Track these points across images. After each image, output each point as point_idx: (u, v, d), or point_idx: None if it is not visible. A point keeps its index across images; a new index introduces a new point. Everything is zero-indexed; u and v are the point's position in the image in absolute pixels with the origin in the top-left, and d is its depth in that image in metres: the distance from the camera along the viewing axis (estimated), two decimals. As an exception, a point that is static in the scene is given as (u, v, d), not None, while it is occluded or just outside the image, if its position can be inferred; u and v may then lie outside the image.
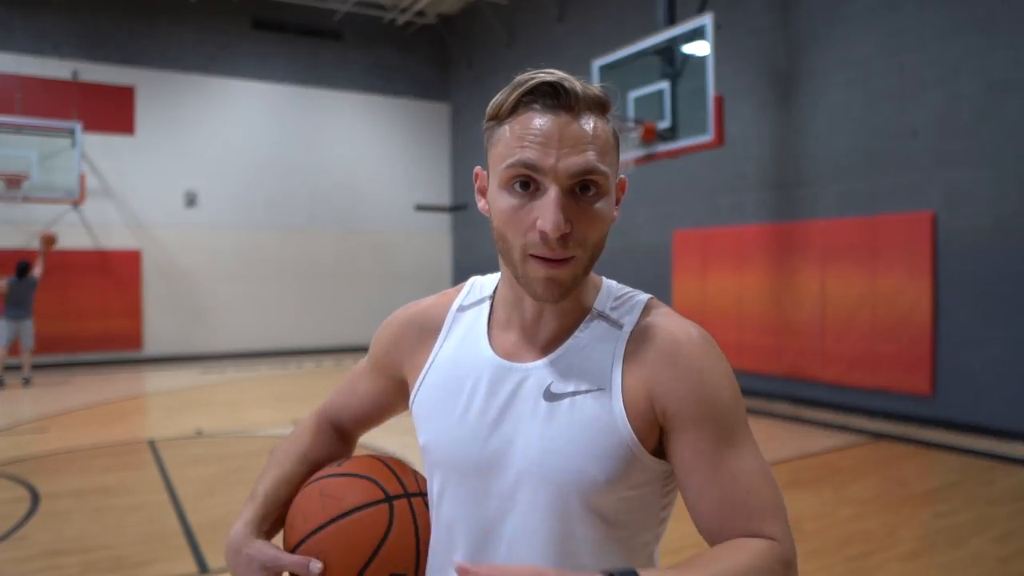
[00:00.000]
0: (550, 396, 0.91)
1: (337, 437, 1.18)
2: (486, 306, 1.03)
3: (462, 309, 1.04)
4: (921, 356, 6.94)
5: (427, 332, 1.05)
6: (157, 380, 10.67)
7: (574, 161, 0.84)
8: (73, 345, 11.97)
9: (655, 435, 0.90)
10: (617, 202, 0.93)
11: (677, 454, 0.89)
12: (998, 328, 6.41)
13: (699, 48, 7.30)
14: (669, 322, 0.93)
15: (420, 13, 14.42)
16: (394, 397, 1.12)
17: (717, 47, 7.23)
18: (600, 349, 0.93)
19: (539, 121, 0.86)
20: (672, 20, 8.09)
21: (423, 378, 1.02)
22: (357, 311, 14.09)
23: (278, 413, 7.92)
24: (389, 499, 1.01)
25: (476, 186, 0.97)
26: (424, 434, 1.01)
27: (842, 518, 4.43)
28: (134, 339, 12.49)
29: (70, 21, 12.10)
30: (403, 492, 1.03)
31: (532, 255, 0.86)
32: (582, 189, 0.86)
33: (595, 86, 0.90)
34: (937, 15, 6.84)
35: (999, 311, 6.41)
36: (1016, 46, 6.30)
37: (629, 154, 7.80)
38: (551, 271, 0.86)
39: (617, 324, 0.94)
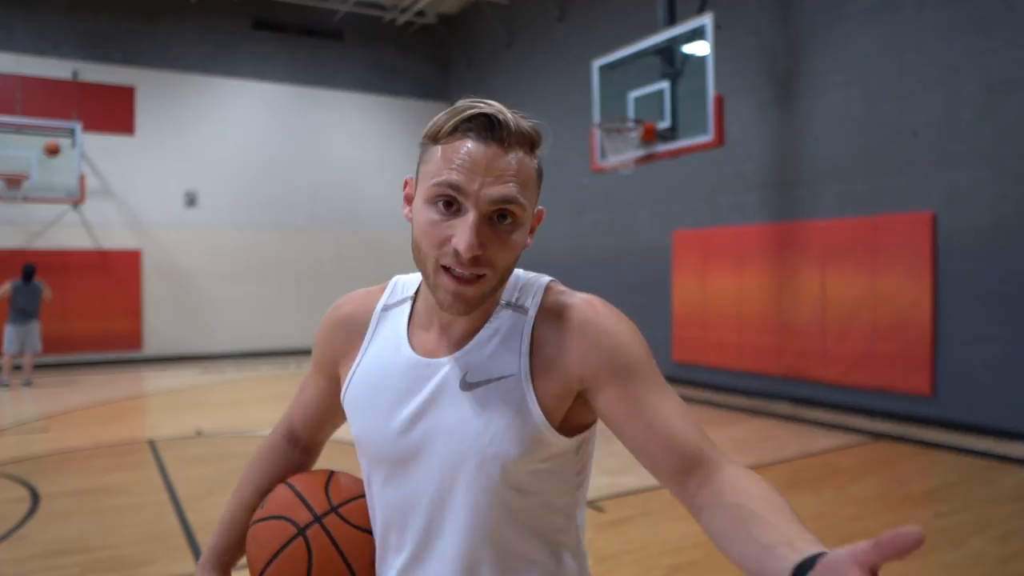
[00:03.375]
0: (466, 386, 0.99)
1: (294, 450, 1.26)
2: (407, 307, 1.09)
3: (386, 309, 1.11)
4: (921, 356, 6.94)
5: (354, 333, 1.12)
6: (157, 380, 10.67)
7: (496, 190, 0.91)
8: (73, 345, 11.96)
9: (566, 408, 0.98)
10: (532, 230, 1.00)
11: (608, 410, 0.95)
12: (998, 328, 6.41)
13: (699, 48, 7.30)
14: (569, 298, 1.00)
15: (420, 13, 14.42)
16: (335, 394, 1.17)
17: (717, 47, 7.23)
18: (509, 336, 1.00)
19: (471, 148, 0.92)
20: (672, 20, 8.09)
21: (352, 376, 1.09)
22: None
23: (278, 413, 7.87)
24: (301, 531, 1.06)
25: (404, 193, 1.03)
26: (355, 429, 1.09)
27: (842, 518, 4.43)
28: (134, 339, 12.49)
29: (70, 21, 12.10)
30: (313, 518, 1.08)
31: (443, 266, 0.93)
32: (500, 217, 0.93)
33: (529, 122, 0.96)
34: (937, 15, 6.84)
35: (999, 311, 6.41)
36: (1016, 46, 6.30)
37: (629, 154, 7.81)
38: (460, 287, 0.93)
39: (523, 309, 1.01)
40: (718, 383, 8.99)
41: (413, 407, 1.01)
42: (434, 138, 0.97)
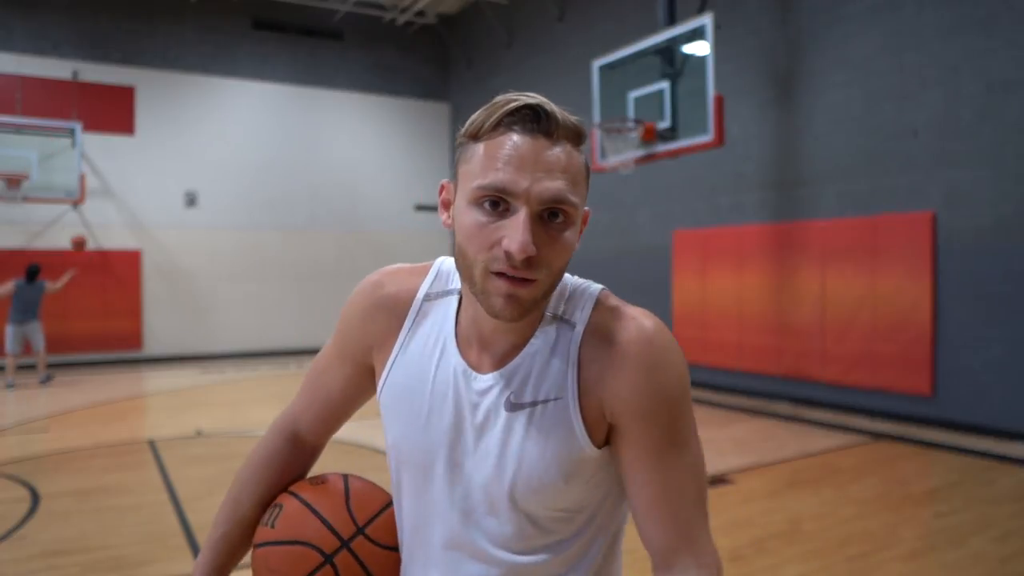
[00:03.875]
0: (511, 406, 0.93)
1: (298, 453, 1.17)
2: (452, 302, 1.01)
3: (428, 298, 1.02)
4: (921, 356, 6.94)
5: (395, 319, 1.03)
6: (157, 380, 10.67)
7: (547, 187, 0.85)
8: (73, 345, 11.96)
9: (603, 432, 0.94)
10: (579, 232, 0.93)
11: (621, 450, 0.93)
12: (998, 328, 6.41)
13: (699, 48, 7.30)
14: (620, 318, 0.94)
15: (420, 13, 14.42)
16: (363, 384, 1.09)
17: (717, 47, 7.23)
18: (555, 353, 0.94)
19: (516, 142, 0.86)
20: (672, 20, 8.09)
21: (388, 371, 1.02)
22: (357, 311, 14.07)
23: (278, 413, 7.90)
24: (329, 560, 0.99)
25: (440, 199, 0.96)
26: (391, 434, 1.02)
27: (842, 518, 4.43)
28: (134, 339, 12.49)
29: (70, 21, 12.10)
30: (340, 543, 1.00)
31: (494, 272, 0.86)
32: (550, 216, 0.87)
33: (572, 116, 0.90)
34: (937, 15, 6.84)
35: (999, 311, 6.41)
36: (1016, 46, 6.30)
37: (629, 154, 7.80)
38: (513, 288, 0.86)
39: (570, 324, 0.95)
40: (718, 383, 8.99)
41: (456, 421, 0.96)
42: (475, 135, 0.90)
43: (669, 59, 7.66)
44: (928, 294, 6.88)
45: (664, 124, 7.55)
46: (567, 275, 0.99)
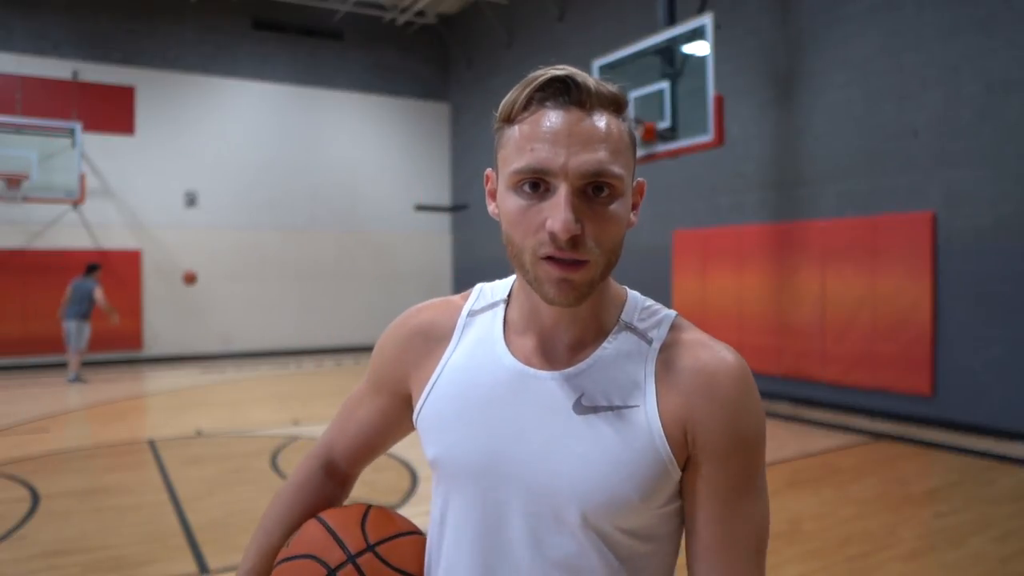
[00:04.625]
0: (581, 409, 0.86)
1: (330, 482, 1.12)
2: (500, 309, 0.97)
3: (472, 314, 0.98)
4: (921, 356, 6.94)
5: (434, 341, 0.98)
6: (157, 380, 10.67)
7: (585, 159, 0.80)
8: (73, 345, 11.96)
9: (684, 458, 0.86)
10: (635, 207, 0.89)
11: (694, 483, 0.86)
12: (998, 328, 6.41)
13: (699, 48, 7.30)
14: (702, 344, 0.89)
15: (420, 13, 14.42)
16: (398, 417, 1.04)
17: (717, 47, 7.23)
18: (631, 362, 0.88)
19: (549, 119, 0.82)
20: (672, 20, 8.09)
21: (431, 388, 0.95)
22: (357, 311, 14.10)
23: (278, 413, 7.92)
24: (332, 573, 0.95)
25: (487, 189, 0.92)
26: (434, 446, 0.94)
27: (842, 518, 4.43)
28: (134, 339, 12.49)
29: (70, 21, 12.10)
30: (347, 557, 0.96)
31: (544, 256, 0.81)
32: (595, 191, 0.82)
33: (609, 84, 0.85)
34: (937, 15, 6.84)
35: (999, 311, 6.41)
36: (1016, 46, 6.30)
37: (629, 154, 7.79)
38: (564, 273, 0.81)
39: (646, 338, 0.90)
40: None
41: (514, 421, 0.88)
42: (508, 119, 0.86)
43: (669, 59, 7.66)
44: (928, 294, 6.88)
45: (664, 124, 7.55)
46: (639, 294, 0.96)
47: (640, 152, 7.75)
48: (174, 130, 12.82)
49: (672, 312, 0.94)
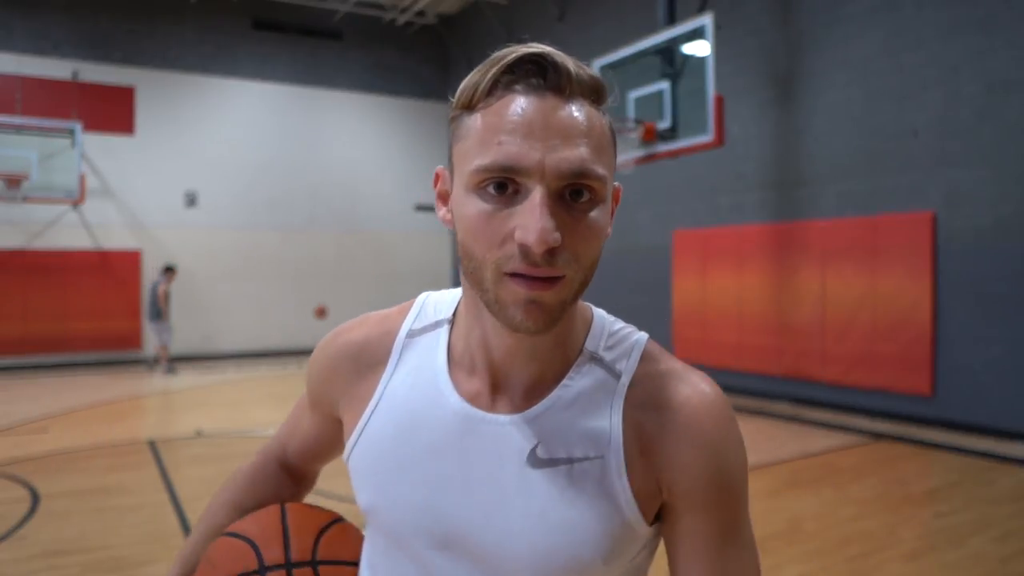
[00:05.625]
0: (537, 461, 0.74)
1: (284, 475, 1.03)
2: (443, 332, 0.82)
3: (412, 335, 0.84)
4: (921, 356, 6.94)
5: (366, 366, 0.84)
6: (157, 380, 10.67)
7: (565, 157, 0.66)
8: (73, 345, 11.96)
9: (655, 508, 0.76)
10: (611, 213, 0.75)
11: (677, 534, 0.76)
12: (998, 328, 6.41)
13: (699, 48, 7.30)
14: (676, 378, 0.77)
15: (420, 13, 14.42)
16: (336, 435, 0.93)
17: (717, 47, 7.23)
18: (595, 403, 0.76)
19: (520, 106, 0.67)
20: (672, 20, 8.09)
21: (365, 424, 0.82)
22: (357, 311, 13.76)
23: (278, 413, 7.92)
24: (262, 571, 0.86)
25: (436, 191, 0.77)
26: (366, 494, 0.80)
27: (842, 518, 4.43)
28: (134, 339, 12.48)
29: (70, 21, 12.09)
30: (283, 562, 0.86)
31: (509, 273, 0.67)
32: (573, 195, 0.68)
33: (588, 68, 0.72)
34: (937, 15, 6.84)
35: (999, 311, 6.41)
36: (1016, 46, 6.30)
37: (629, 154, 7.80)
38: (534, 292, 0.67)
39: (614, 371, 0.77)
40: (718, 383, 8.90)
41: (459, 474, 0.76)
42: (468, 105, 0.71)
43: (669, 59, 7.66)
44: (928, 294, 6.88)
45: (664, 124, 7.55)
46: (604, 313, 0.83)
47: (640, 152, 7.75)
48: (174, 130, 12.82)
49: (643, 337, 0.81)
